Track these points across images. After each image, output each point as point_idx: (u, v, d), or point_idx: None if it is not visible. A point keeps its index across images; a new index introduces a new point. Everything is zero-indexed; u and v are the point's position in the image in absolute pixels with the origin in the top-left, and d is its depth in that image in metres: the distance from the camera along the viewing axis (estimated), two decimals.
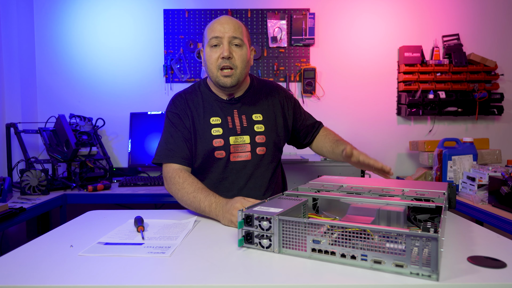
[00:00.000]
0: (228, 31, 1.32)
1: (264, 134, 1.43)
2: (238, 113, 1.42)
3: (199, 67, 2.75)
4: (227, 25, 1.33)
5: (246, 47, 1.37)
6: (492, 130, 2.79)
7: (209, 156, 1.39)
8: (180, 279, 0.76)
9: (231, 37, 1.33)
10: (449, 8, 2.75)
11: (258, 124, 1.43)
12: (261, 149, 1.42)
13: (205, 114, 1.41)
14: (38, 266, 0.82)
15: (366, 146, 2.80)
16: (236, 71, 1.34)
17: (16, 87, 2.56)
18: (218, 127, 1.40)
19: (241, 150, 1.40)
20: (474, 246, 0.92)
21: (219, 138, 1.39)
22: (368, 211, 0.97)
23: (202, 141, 1.39)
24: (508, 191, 1.67)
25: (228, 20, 1.35)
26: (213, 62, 1.34)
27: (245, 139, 1.40)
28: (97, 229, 1.10)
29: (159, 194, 2.12)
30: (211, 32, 1.34)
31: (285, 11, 2.73)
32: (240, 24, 1.37)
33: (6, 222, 1.63)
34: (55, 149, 2.32)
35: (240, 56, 1.34)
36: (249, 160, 1.41)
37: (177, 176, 1.31)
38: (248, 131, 1.41)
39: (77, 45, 2.76)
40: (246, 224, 0.90)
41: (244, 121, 1.42)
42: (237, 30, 1.34)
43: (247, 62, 1.38)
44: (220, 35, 1.32)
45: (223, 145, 1.39)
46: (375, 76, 2.78)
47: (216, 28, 1.33)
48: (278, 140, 1.47)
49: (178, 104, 1.44)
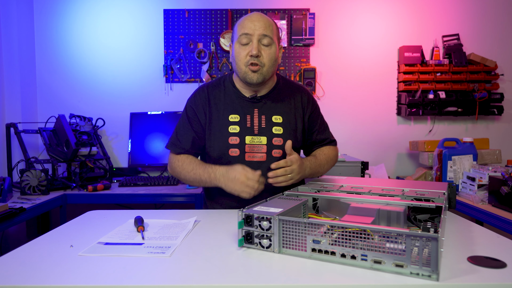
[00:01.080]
0: (259, 29, 1.31)
1: (281, 137, 1.42)
2: (258, 113, 1.42)
3: (199, 67, 2.75)
4: (257, 23, 1.32)
5: (275, 45, 1.36)
6: (492, 130, 2.79)
7: (223, 152, 1.40)
8: (180, 279, 0.76)
9: (261, 35, 1.32)
10: (449, 8, 2.75)
11: (277, 126, 1.42)
12: (277, 152, 1.41)
13: (225, 111, 1.42)
14: (38, 266, 0.82)
15: (366, 146, 2.80)
16: (263, 68, 1.34)
17: (16, 87, 2.56)
18: (236, 125, 1.40)
19: (256, 151, 1.40)
20: (474, 246, 0.91)
21: (235, 136, 1.39)
22: (368, 211, 0.97)
23: (218, 137, 1.40)
24: (508, 191, 1.67)
25: (259, 17, 1.34)
26: (241, 59, 1.34)
27: (261, 140, 1.40)
28: (97, 229, 1.10)
29: (159, 194, 2.13)
30: (241, 29, 1.33)
31: (285, 11, 2.73)
32: (270, 21, 1.36)
33: (6, 222, 1.63)
34: (55, 149, 2.32)
35: (268, 54, 1.34)
36: (263, 162, 1.40)
37: (176, 161, 1.43)
38: (265, 132, 1.41)
39: (77, 45, 2.76)
40: (246, 224, 0.90)
41: (263, 122, 1.42)
42: (267, 28, 1.33)
43: (275, 61, 1.38)
44: (250, 32, 1.32)
45: (238, 143, 1.39)
46: (375, 76, 2.78)
47: (247, 25, 1.33)
48: (295, 143, 1.45)
49: (198, 98, 1.45)
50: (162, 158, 2.58)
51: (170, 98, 2.77)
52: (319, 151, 1.52)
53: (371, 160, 2.68)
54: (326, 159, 1.49)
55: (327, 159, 1.49)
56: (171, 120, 2.62)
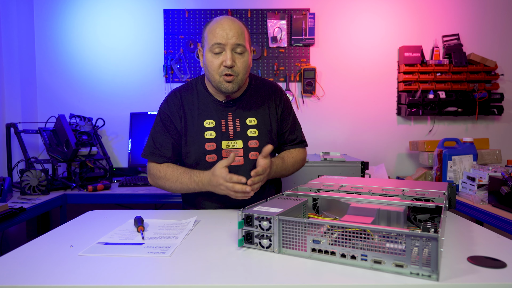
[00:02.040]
0: (231, 38, 1.28)
1: (257, 139, 1.41)
2: (232, 117, 1.41)
3: (199, 67, 2.75)
4: (230, 31, 1.28)
5: (248, 52, 1.34)
6: (492, 130, 2.79)
7: (200, 159, 1.39)
8: (180, 279, 0.76)
9: (234, 44, 1.29)
10: (449, 8, 2.75)
11: (251, 129, 1.41)
12: (254, 154, 1.40)
13: (199, 116, 1.40)
14: (38, 266, 0.82)
15: (366, 146, 2.80)
16: (237, 77, 1.32)
17: (16, 87, 2.56)
18: (211, 130, 1.39)
19: None
20: (474, 246, 0.92)
21: (211, 141, 1.38)
22: (368, 211, 0.97)
23: (194, 144, 1.39)
24: (508, 191, 1.67)
25: (231, 24, 1.29)
26: (215, 68, 1.31)
27: (237, 144, 1.39)
28: (97, 229, 1.10)
29: (159, 194, 2.12)
30: (213, 38, 1.29)
31: (285, 11, 2.73)
32: (242, 27, 1.32)
33: (6, 222, 1.63)
34: (55, 149, 2.32)
35: (242, 63, 1.32)
36: (241, 165, 1.39)
37: (157, 171, 1.40)
38: (241, 136, 1.40)
39: (77, 45, 2.76)
40: (246, 224, 0.90)
41: (237, 126, 1.41)
42: (240, 36, 1.29)
43: (249, 67, 1.36)
44: (223, 42, 1.28)
45: (215, 149, 1.38)
46: (375, 76, 2.78)
47: (219, 33, 1.28)
48: (272, 144, 1.42)
49: (172, 104, 1.43)
50: None
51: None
52: (287, 153, 1.50)
53: (371, 160, 2.67)
54: (293, 163, 1.48)
55: (294, 162, 1.49)
56: None
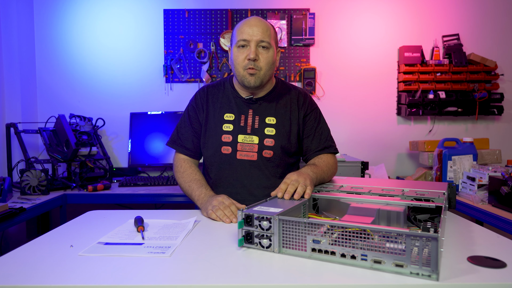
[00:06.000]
0: (257, 35, 1.35)
1: (273, 138, 1.44)
2: (252, 113, 1.46)
3: (199, 67, 2.75)
4: (256, 28, 1.35)
5: (273, 49, 1.40)
6: (492, 130, 2.79)
7: (216, 150, 1.44)
8: (180, 279, 0.76)
9: (258, 40, 1.35)
10: (449, 8, 2.74)
11: (269, 127, 1.44)
12: (268, 152, 1.43)
13: (221, 109, 1.47)
14: (38, 266, 0.82)
15: (366, 146, 2.80)
16: (260, 72, 1.38)
17: (16, 87, 2.56)
18: (230, 123, 1.45)
19: (248, 150, 1.43)
20: (474, 246, 0.92)
21: (228, 134, 1.44)
22: (368, 211, 0.97)
23: (212, 134, 1.46)
24: (508, 191, 1.67)
25: (257, 22, 1.37)
26: (239, 62, 1.38)
27: (253, 139, 1.43)
28: (97, 229, 1.10)
29: (159, 194, 2.13)
30: (240, 34, 1.37)
31: (285, 11, 2.73)
32: (268, 26, 1.39)
33: (6, 222, 1.63)
34: (55, 149, 2.32)
35: (265, 58, 1.37)
36: (254, 161, 1.42)
37: (179, 165, 1.48)
38: (257, 132, 1.44)
39: (77, 45, 2.76)
40: (246, 224, 0.90)
41: (256, 122, 1.45)
42: (265, 33, 1.36)
43: (272, 64, 1.41)
44: (248, 38, 1.35)
45: (230, 141, 1.43)
46: (375, 76, 2.78)
47: (245, 30, 1.36)
48: (288, 146, 1.45)
49: (199, 98, 1.52)
50: (162, 158, 2.58)
51: (170, 98, 2.77)
52: (317, 158, 1.45)
53: (371, 160, 2.67)
54: (327, 166, 1.40)
55: (327, 165, 1.41)
56: (171, 120, 2.61)
